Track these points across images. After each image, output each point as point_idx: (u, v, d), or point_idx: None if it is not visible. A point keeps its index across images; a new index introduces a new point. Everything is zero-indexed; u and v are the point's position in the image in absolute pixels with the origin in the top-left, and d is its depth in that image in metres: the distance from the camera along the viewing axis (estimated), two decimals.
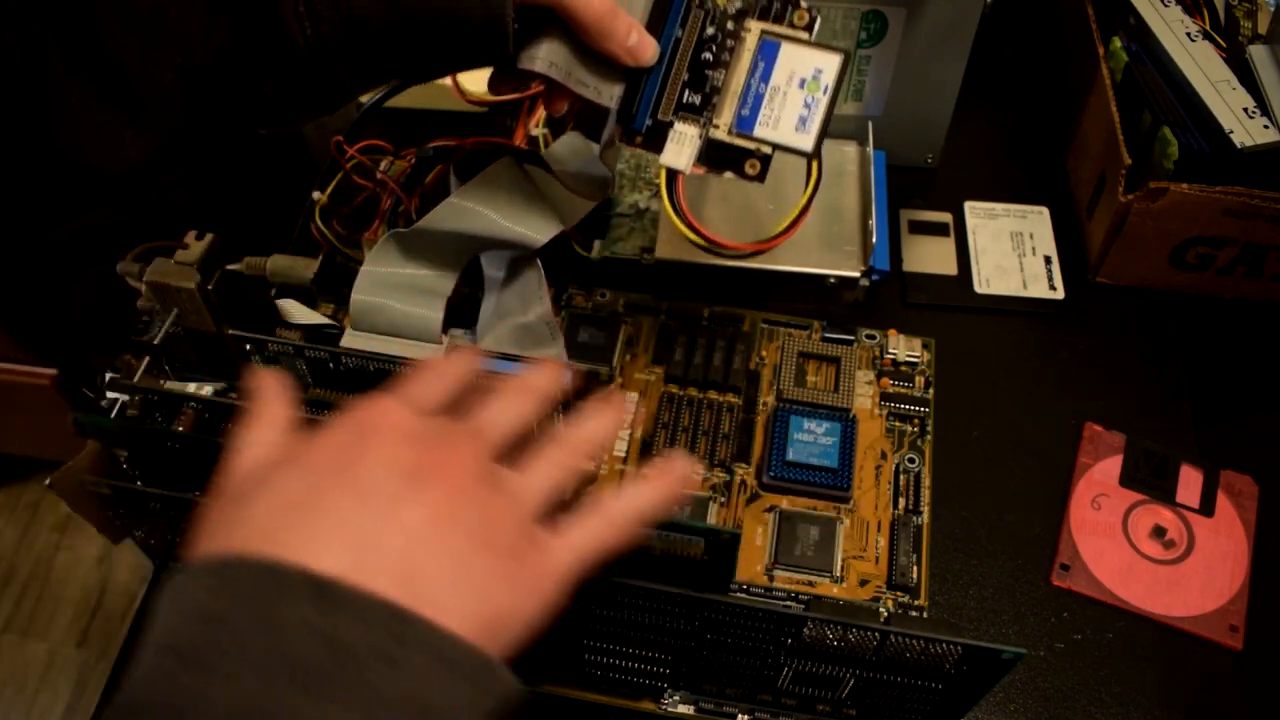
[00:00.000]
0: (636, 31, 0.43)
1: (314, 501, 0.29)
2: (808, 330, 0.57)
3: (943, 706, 0.41)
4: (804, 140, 0.44)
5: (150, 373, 0.48)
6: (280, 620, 0.26)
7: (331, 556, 0.27)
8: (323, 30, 0.38)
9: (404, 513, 0.29)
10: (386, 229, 0.56)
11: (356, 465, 0.29)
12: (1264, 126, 0.56)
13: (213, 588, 0.26)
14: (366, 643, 0.26)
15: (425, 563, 0.28)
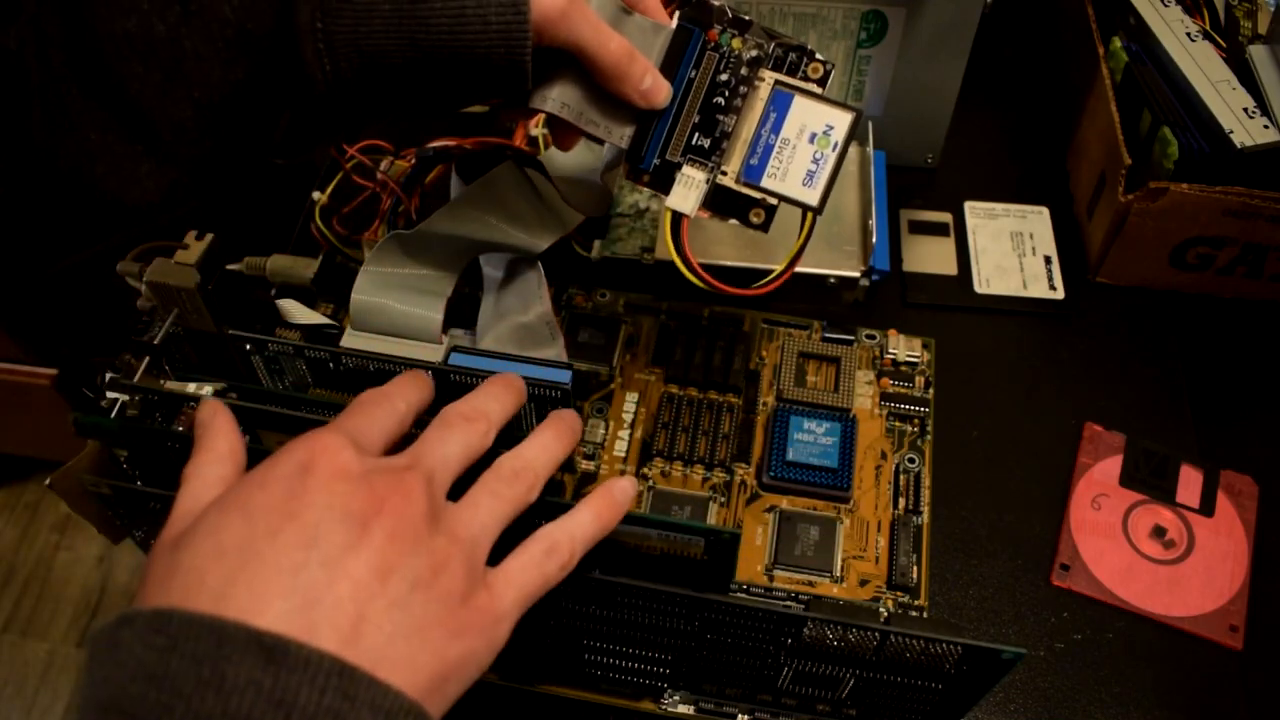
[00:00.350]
0: (651, 75, 0.43)
1: (256, 550, 0.28)
2: (808, 330, 0.57)
3: (943, 706, 0.41)
4: (810, 195, 0.44)
5: (150, 373, 0.48)
6: (228, 682, 0.25)
7: (276, 611, 0.27)
8: (341, 67, 0.38)
9: (349, 563, 0.28)
10: (387, 229, 0.56)
11: (298, 511, 0.29)
12: (1264, 126, 0.56)
13: (156, 645, 0.26)
14: (316, 703, 0.26)
15: (372, 616, 0.28)
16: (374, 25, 0.37)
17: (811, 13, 0.59)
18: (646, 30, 0.44)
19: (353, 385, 0.48)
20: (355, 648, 0.27)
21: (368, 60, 0.38)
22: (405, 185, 0.57)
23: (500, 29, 0.38)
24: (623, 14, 0.43)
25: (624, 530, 0.37)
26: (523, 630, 0.42)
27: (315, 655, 0.26)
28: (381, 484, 0.31)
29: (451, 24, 0.38)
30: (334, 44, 0.37)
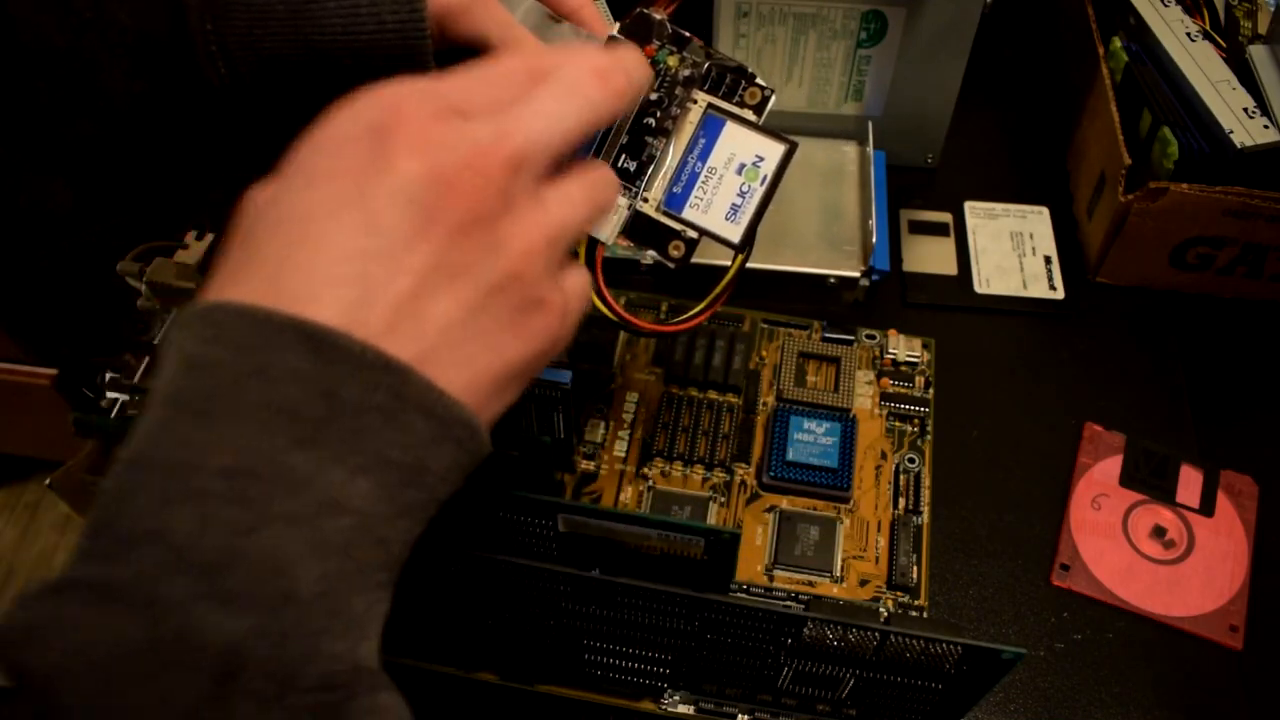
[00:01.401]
0: None
1: (314, 229, 0.26)
2: (808, 330, 0.57)
3: (943, 706, 0.41)
4: (733, 231, 0.40)
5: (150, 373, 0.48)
6: (272, 370, 0.25)
7: (329, 300, 0.26)
8: (240, 71, 0.36)
9: (411, 258, 0.26)
10: None
11: (362, 190, 0.27)
12: (1264, 126, 0.56)
13: (204, 336, 0.25)
14: (363, 399, 0.25)
15: (431, 314, 0.27)
16: (269, 27, 0.36)
17: (811, 13, 0.59)
18: (573, 40, 0.41)
19: None
20: (410, 347, 0.26)
21: (264, 63, 0.37)
22: None
23: (395, 28, 0.36)
24: (550, 22, 0.40)
25: (624, 530, 0.37)
26: (523, 630, 0.42)
27: (364, 349, 0.25)
28: (461, 163, 0.27)
29: (345, 23, 0.36)
30: (227, 46, 0.36)
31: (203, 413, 0.25)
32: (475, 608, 0.42)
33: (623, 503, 0.51)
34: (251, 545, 0.24)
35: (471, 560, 0.38)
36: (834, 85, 0.62)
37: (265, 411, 0.24)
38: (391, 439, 0.25)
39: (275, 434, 0.24)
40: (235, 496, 0.24)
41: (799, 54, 0.61)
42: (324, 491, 0.24)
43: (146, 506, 0.24)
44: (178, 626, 0.23)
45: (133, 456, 0.25)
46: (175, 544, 0.23)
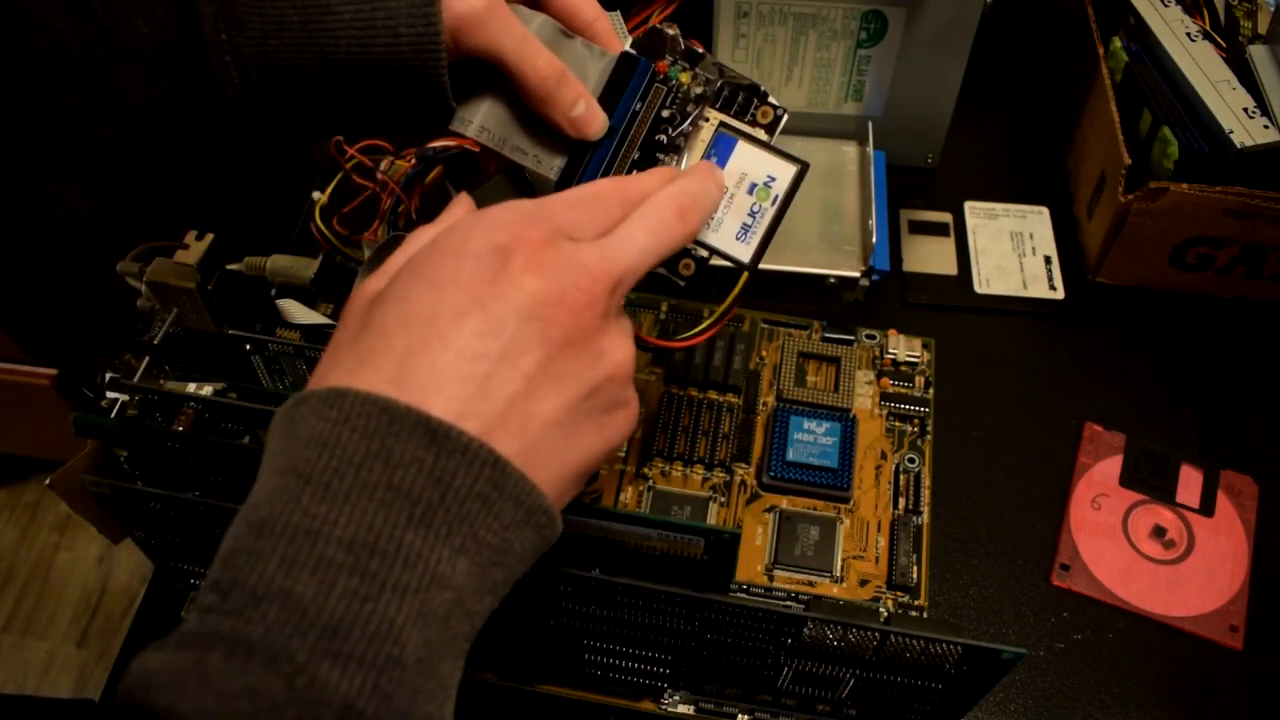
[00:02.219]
0: (585, 101, 0.40)
1: (440, 329, 0.29)
2: (808, 330, 0.57)
3: (943, 706, 0.41)
4: (743, 251, 0.40)
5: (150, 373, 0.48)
6: (394, 455, 0.27)
7: (449, 395, 0.28)
8: (254, 81, 0.37)
9: (524, 359, 0.30)
10: (386, 229, 0.56)
11: (487, 299, 0.30)
12: (1264, 126, 0.56)
13: (328, 417, 0.28)
14: (469, 487, 0.28)
15: (536, 413, 0.30)
16: (283, 38, 0.36)
17: (811, 13, 0.59)
18: (586, 55, 0.41)
19: None
20: (514, 442, 0.29)
21: (279, 73, 0.37)
22: (405, 185, 0.57)
23: (411, 40, 0.36)
24: (562, 37, 0.40)
25: (624, 530, 0.37)
26: (523, 630, 0.42)
27: (475, 444, 0.28)
28: (568, 280, 0.31)
29: (360, 36, 0.36)
30: (241, 56, 0.36)
31: (328, 486, 0.27)
32: None
33: (623, 503, 0.51)
34: (368, 612, 0.26)
35: None
36: (834, 85, 0.62)
37: (385, 491, 0.27)
38: (487, 523, 0.28)
39: (393, 512, 0.27)
40: (355, 566, 0.26)
41: (799, 54, 0.61)
42: (432, 568, 0.27)
43: (275, 568, 0.26)
44: (307, 682, 0.25)
45: (259, 521, 0.27)
46: (302, 605, 0.26)
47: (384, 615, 0.26)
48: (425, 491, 0.27)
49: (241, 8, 0.36)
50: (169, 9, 0.36)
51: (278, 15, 0.36)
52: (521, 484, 0.29)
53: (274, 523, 0.27)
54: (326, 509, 0.27)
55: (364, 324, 0.31)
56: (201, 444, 0.41)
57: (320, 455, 0.27)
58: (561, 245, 0.31)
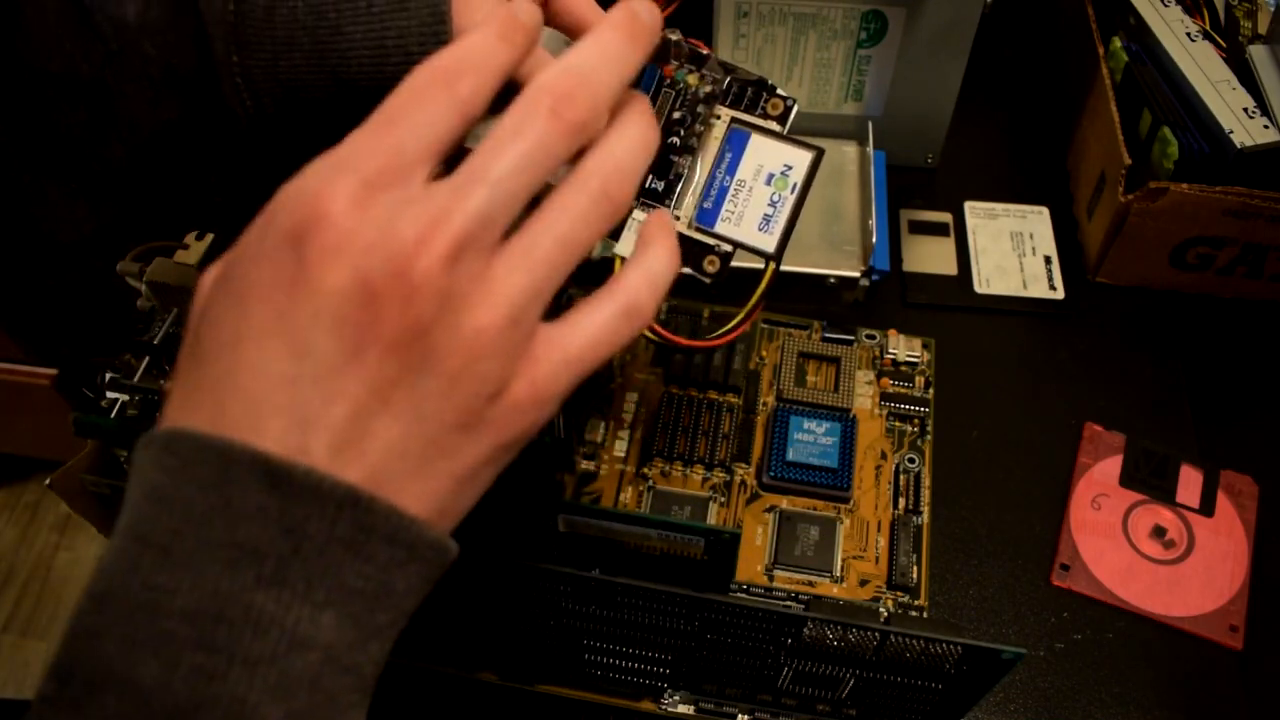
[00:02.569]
0: None
1: (247, 355, 0.25)
2: (808, 330, 0.57)
3: (943, 706, 0.41)
4: (767, 241, 0.40)
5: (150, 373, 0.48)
6: (235, 507, 0.24)
7: (273, 431, 0.24)
8: (264, 102, 0.36)
9: (343, 380, 0.25)
10: None
11: (285, 310, 0.25)
12: (1264, 126, 0.56)
13: (166, 466, 0.25)
14: (327, 533, 0.24)
15: (375, 434, 0.25)
16: (294, 59, 0.36)
17: (811, 13, 0.59)
18: None
19: None
20: (356, 471, 0.25)
21: (289, 94, 0.36)
22: None
23: (422, 58, 0.36)
24: (566, 48, 0.41)
25: (624, 530, 0.37)
26: (523, 630, 0.42)
27: (326, 483, 0.24)
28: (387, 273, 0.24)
29: (373, 56, 0.36)
30: (252, 77, 0.36)
31: (168, 550, 0.24)
32: (475, 608, 0.42)
33: (623, 503, 0.51)
34: (215, 692, 0.23)
35: (471, 560, 0.38)
36: (834, 85, 0.62)
37: (229, 550, 0.24)
38: (356, 569, 0.25)
39: (239, 573, 0.24)
40: (200, 640, 0.23)
41: (799, 54, 0.61)
42: (289, 630, 0.24)
43: (114, 649, 0.24)
44: None
45: (99, 593, 0.25)
46: (142, 692, 0.23)
47: (234, 694, 0.23)
48: (274, 545, 0.24)
49: (252, 30, 0.35)
50: (178, 33, 0.36)
51: (288, 37, 0.36)
52: (392, 519, 0.25)
53: (113, 596, 0.24)
54: (167, 576, 0.24)
55: (193, 339, 0.27)
56: None
57: (159, 513, 0.24)
58: (371, 207, 0.25)
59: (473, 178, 0.26)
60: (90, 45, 0.35)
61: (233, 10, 0.35)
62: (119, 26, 0.35)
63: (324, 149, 0.39)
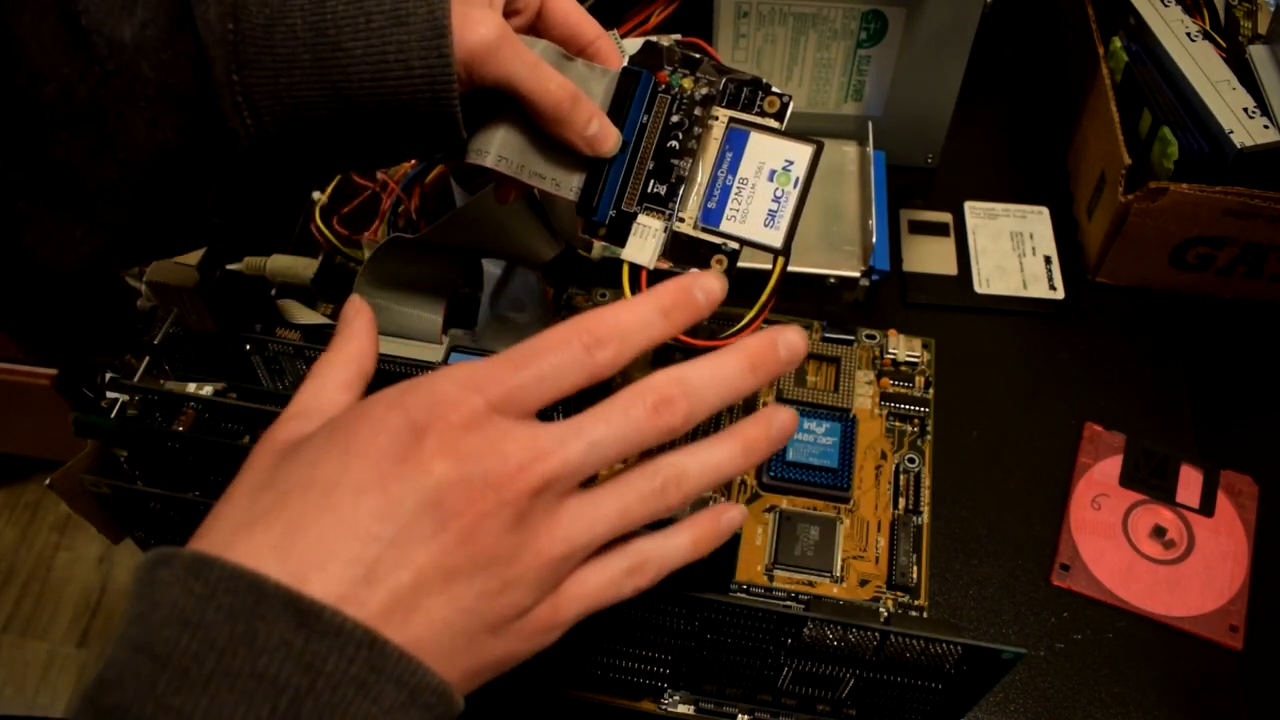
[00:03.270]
0: (598, 120, 0.40)
1: (338, 501, 0.28)
2: (808, 330, 0.57)
3: (943, 706, 0.41)
4: (773, 236, 0.41)
5: (150, 373, 0.48)
6: (259, 639, 0.25)
7: (333, 571, 0.27)
8: (265, 121, 0.36)
9: (419, 553, 0.28)
10: (387, 229, 0.56)
11: (391, 478, 0.28)
12: (1264, 126, 0.56)
13: (193, 590, 0.26)
14: (343, 671, 0.26)
15: (425, 608, 0.28)
16: (294, 76, 0.36)
17: (811, 13, 0.59)
18: (589, 75, 0.41)
19: None
20: (398, 631, 0.27)
21: (290, 113, 0.36)
22: (405, 185, 0.57)
23: (424, 74, 0.36)
24: (565, 60, 0.41)
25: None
26: None
27: (349, 624, 0.26)
28: (480, 480, 0.28)
29: (374, 71, 0.36)
30: (253, 96, 0.36)
31: (186, 673, 0.25)
32: None
33: None
34: None
35: None
36: (834, 85, 0.62)
37: (249, 680, 0.25)
38: (364, 709, 0.26)
39: (255, 703, 0.25)
40: None
41: (799, 54, 0.61)
42: None
43: None
44: None
45: (109, 708, 0.25)
46: None
47: None
48: (292, 679, 0.25)
49: (252, 49, 0.35)
50: (175, 52, 0.35)
51: (289, 54, 0.36)
52: (404, 663, 0.27)
53: (124, 713, 0.25)
54: (183, 700, 0.25)
55: (268, 479, 0.29)
56: (202, 444, 0.41)
57: (180, 636, 0.25)
58: (488, 426, 0.29)
59: (577, 433, 0.30)
60: (87, 67, 0.35)
61: (232, 29, 0.35)
62: (116, 47, 0.35)
63: (324, 167, 0.40)
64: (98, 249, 0.37)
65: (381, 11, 0.36)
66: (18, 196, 0.36)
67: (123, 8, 0.35)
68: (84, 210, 0.36)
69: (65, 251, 0.37)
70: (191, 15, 0.35)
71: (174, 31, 0.35)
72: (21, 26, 0.34)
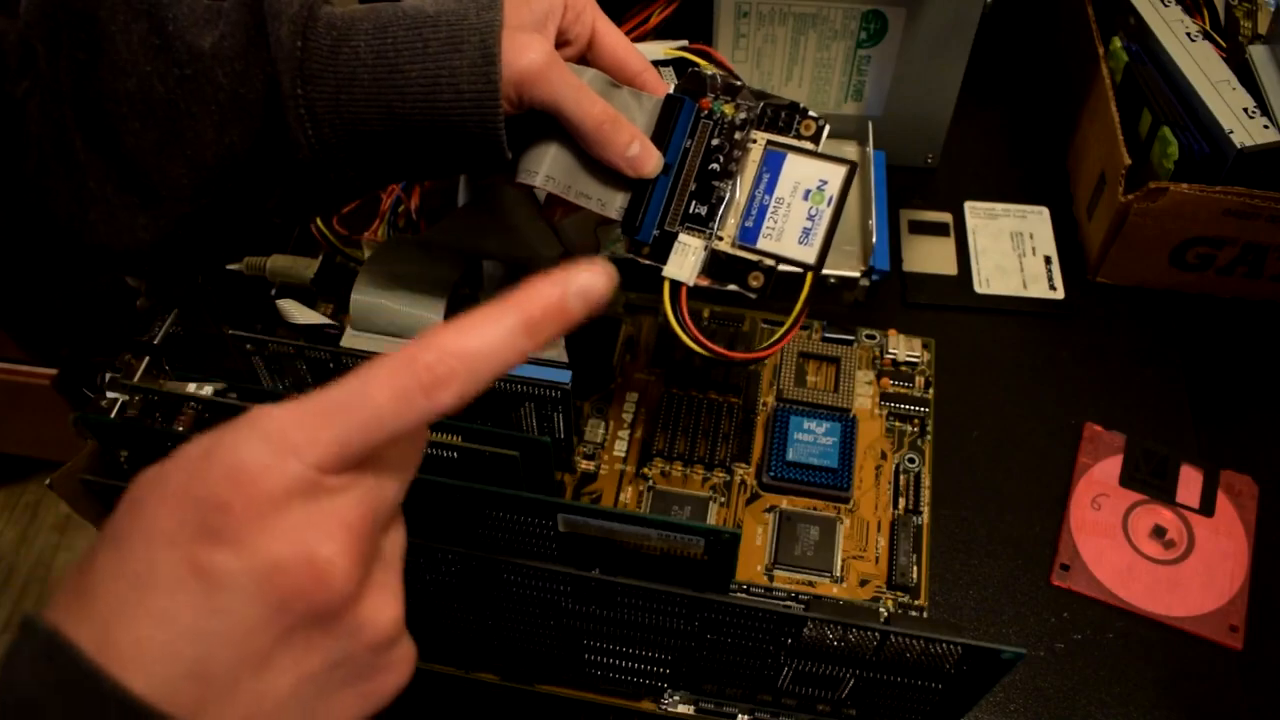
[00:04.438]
0: (639, 142, 0.42)
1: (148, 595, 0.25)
2: (808, 330, 0.57)
3: (943, 707, 0.41)
4: (807, 253, 0.43)
5: (150, 373, 0.48)
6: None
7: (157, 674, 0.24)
8: (325, 134, 0.39)
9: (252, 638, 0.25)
10: (387, 229, 0.56)
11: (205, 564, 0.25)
12: (1264, 127, 0.56)
13: (38, 671, 0.24)
14: None
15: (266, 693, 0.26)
16: (354, 94, 0.39)
17: (811, 13, 0.59)
18: (633, 102, 0.43)
19: None
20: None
21: (349, 127, 0.39)
22: (405, 185, 0.57)
23: (472, 97, 0.38)
24: (611, 88, 0.43)
25: (624, 530, 0.37)
26: (523, 630, 0.42)
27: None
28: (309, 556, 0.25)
29: (426, 93, 0.38)
30: (315, 110, 0.39)
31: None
32: (476, 608, 0.42)
33: (623, 503, 0.51)
34: None
35: (472, 561, 0.38)
36: (834, 85, 0.62)
37: None
38: None
39: None
40: None
41: (799, 54, 0.61)
42: None
43: None
44: None
45: None
46: None
47: None
48: None
49: (316, 65, 0.38)
50: (248, 63, 0.38)
51: (350, 73, 0.38)
52: None
53: None
54: None
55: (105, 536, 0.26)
56: None
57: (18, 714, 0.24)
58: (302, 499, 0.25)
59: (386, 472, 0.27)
60: (166, 68, 0.38)
61: (300, 46, 0.38)
62: (195, 54, 0.38)
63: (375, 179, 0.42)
64: (155, 237, 0.40)
65: (438, 38, 0.38)
66: (90, 177, 0.38)
67: (206, 20, 0.38)
68: (148, 199, 0.39)
69: (124, 233, 0.39)
70: (266, 32, 0.38)
71: (249, 45, 0.38)
72: (115, 25, 0.38)
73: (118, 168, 0.38)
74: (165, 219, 0.40)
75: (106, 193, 0.39)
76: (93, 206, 0.39)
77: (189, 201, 0.39)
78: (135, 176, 0.39)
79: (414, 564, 0.39)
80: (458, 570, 0.39)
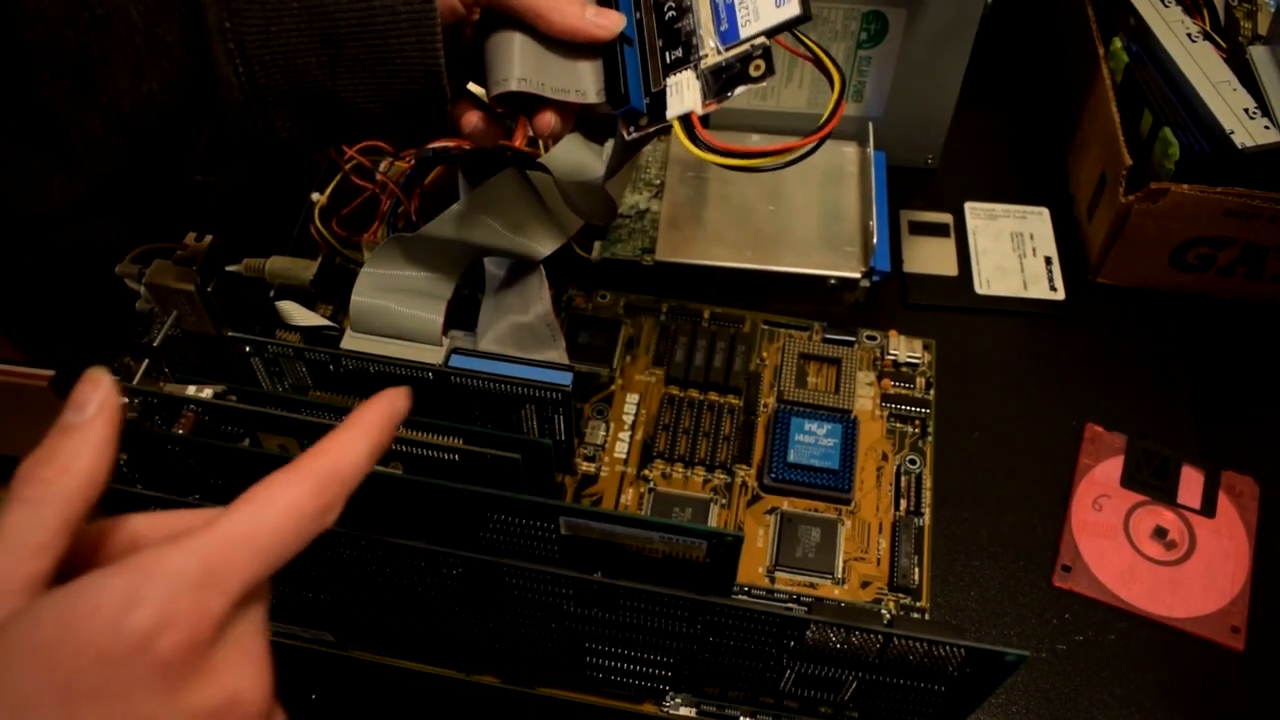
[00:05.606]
0: (592, 8, 0.41)
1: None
2: (808, 331, 0.57)
3: (945, 709, 0.41)
4: (789, 9, 0.40)
5: (149, 375, 0.48)
6: None
7: None
8: (254, 71, 0.37)
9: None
10: (386, 230, 0.55)
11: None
12: (1265, 127, 0.56)
13: None
14: None
15: None
16: (284, 24, 0.37)
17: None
18: None
19: (353, 387, 0.48)
20: None
21: (281, 61, 0.37)
22: (404, 186, 0.57)
23: (409, 17, 0.37)
24: None
25: (625, 533, 0.37)
26: (525, 633, 0.42)
27: None
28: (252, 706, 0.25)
29: (360, 17, 0.37)
30: (244, 44, 0.37)
31: None
32: (477, 611, 0.41)
33: (624, 505, 0.51)
34: None
35: (474, 564, 0.38)
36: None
37: None
38: None
39: None
40: None
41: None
42: None
43: None
44: None
45: None
46: None
47: None
48: None
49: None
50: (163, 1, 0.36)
51: (278, 2, 0.37)
52: None
53: None
54: None
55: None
56: (201, 447, 0.41)
57: None
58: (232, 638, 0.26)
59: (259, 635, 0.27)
60: (76, 12, 0.35)
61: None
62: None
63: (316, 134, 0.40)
64: (73, 196, 0.37)
65: None
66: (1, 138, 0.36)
67: None
68: (64, 157, 0.37)
69: (42, 197, 0.37)
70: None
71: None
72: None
73: (30, 126, 0.36)
74: (83, 177, 0.37)
75: (19, 155, 0.36)
76: (4, 170, 0.36)
77: (108, 157, 0.37)
78: (49, 135, 0.36)
79: (416, 567, 0.39)
80: (459, 573, 0.39)
